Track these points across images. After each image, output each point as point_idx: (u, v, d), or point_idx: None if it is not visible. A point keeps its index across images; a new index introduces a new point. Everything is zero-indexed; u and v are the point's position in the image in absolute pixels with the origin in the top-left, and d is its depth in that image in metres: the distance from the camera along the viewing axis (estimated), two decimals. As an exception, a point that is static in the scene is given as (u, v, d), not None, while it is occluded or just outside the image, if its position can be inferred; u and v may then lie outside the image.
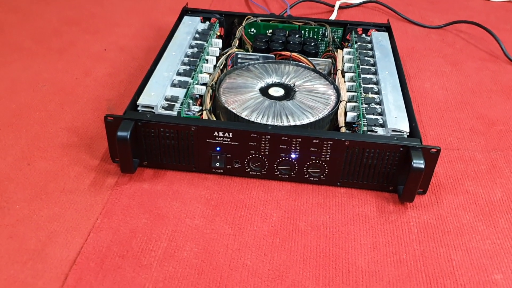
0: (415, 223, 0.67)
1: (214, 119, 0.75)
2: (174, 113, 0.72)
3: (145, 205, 0.67)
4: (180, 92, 0.75)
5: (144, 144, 0.70)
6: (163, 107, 0.72)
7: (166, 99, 0.74)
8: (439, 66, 1.04)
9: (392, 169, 0.69)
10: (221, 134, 0.68)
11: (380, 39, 0.92)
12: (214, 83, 0.80)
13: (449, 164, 0.77)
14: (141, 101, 0.72)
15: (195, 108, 0.76)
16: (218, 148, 0.69)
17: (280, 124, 0.71)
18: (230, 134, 0.68)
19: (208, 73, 0.83)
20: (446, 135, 0.84)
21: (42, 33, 1.10)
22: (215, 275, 0.59)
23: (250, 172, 0.72)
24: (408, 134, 0.70)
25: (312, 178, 0.71)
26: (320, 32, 0.97)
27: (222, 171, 0.72)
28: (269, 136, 0.67)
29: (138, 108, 0.72)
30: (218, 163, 0.70)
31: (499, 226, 0.67)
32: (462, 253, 0.63)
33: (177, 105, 0.73)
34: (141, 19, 1.18)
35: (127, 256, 0.60)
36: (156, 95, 0.73)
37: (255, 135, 0.67)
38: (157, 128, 0.68)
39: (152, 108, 0.71)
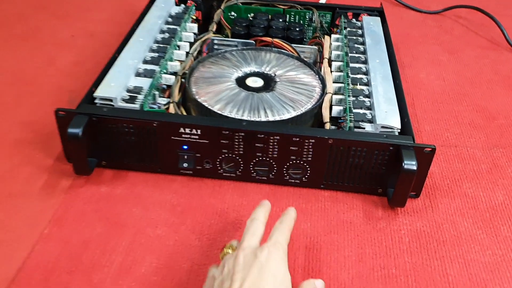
0: (406, 231, 0.59)
1: (184, 113, 0.67)
2: (136, 106, 0.63)
3: (101, 211, 0.59)
4: (145, 83, 0.67)
5: (101, 142, 0.62)
6: (123, 100, 0.64)
7: (128, 91, 0.65)
8: (435, 54, 0.96)
9: (381, 170, 0.61)
10: (188, 130, 0.60)
11: (371, 24, 0.84)
12: (185, 72, 0.71)
13: (445, 163, 0.70)
14: (99, 92, 0.63)
15: (162, 101, 0.67)
16: (185, 147, 0.61)
17: (257, 119, 0.63)
18: (199, 131, 0.60)
19: (180, 61, 0.74)
20: (442, 130, 0.76)
21: (5, 16, 1.01)
22: (176, 295, 0.51)
23: (223, 174, 0.64)
24: (399, 130, 0.62)
25: (292, 180, 0.64)
26: (307, 17, 0.89)
27: (191, 172, 0.64)
28: (243, 134, 0.59)
29: (96, 101, 0.64)
30: (186, 164, 0.62)
31: (501, 235, 0.59)
32: (460, 266, 0.55)
33: (140, 97, 0.65)
34: (115, 3, 1.09)
35: (76, 272, 0.53)
36: (117, 86, 0.65)
37: (227, 132, 0.59)
38: (115, 124, 0.60)
39: (111, 100, 0.63)
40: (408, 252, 0.57)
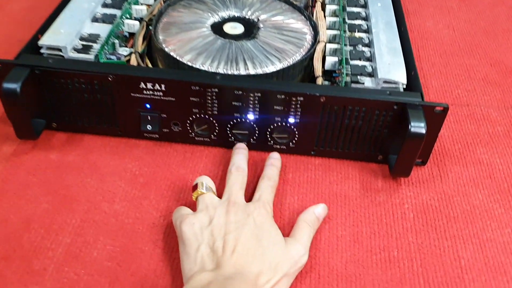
0: (410, 206, 0.50)
1: (149, 65, 0.56)
2: (90, 57, 0.53)
3: (48, 183, 0.50)
4: (103, 30, 0.56)
5: (49, 100, 0.52)
6: (75, 49, 0.53)
7: (82, 38, 0.55)
8: (444, 0, 0.85)
9: (383, 133, 0.51)
10: (150, 86, 0.49)
11: (372, -37, 0.72)
12: (152, 17, 0.60)
13: (456, 125, 0.60)
14: (45, 40, 0.53)
15: (123, 51, 0.57)
16: (147, 105, 0.51)
17: (235, 72, 0.53)
18: (163, 86, 0.49)
19: (147, 5, 0.63)
20: (452, 87, 0.66)
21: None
22: (133, 286, 0.42)
23: (196, 138, 0.54)
24: (404, 86, 0.52)
25: (278, 146, 0.54)
26: (298, -44, 0.77)
27: (156, 136, 0.54)
28: (216, 90, 0.49)
29: (42, 51, 0.53)
30: (150, 126, 0.52)
31: (522, 209, 0.50)
32: (473, 248, 0.47)
33: (96, 46, 0.54)
34: None
35: (14, 258, 0.44)
36: (68, 33, 0.54)
37: (197, 88, 0.49)
38: (63, 78, 0.50)
39: (60, 50, 0.53)
40: (413, 231, 0.48)
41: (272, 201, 0.47)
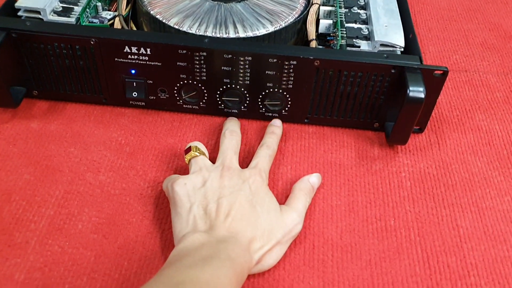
0: (408, 174, 0.48)
1: (134, 29, 0.53)
2: (71, 20, 0.50)
3: (30, 153, 0.48)
4: (84, -9, 0.53)
5: (29, 66, 0.49)
6: (55, 12, 0.50)
7: (62, 1, 0.52)
8: (441, -37, 0.82)
9: (379, 100, 0.49)
10: (135, 50, 0.47)
11: None
12: (137, -21, 0.57)
13: (454, 91, 0.58)
14: (23, 2, 0.50)
15: (106, 15, 0.54)
16: (133, 71, 0.49)
17: (225, 36, 0.50)
18: (148, 50, 0.47)
19: (132, -33, 0.60)
20: (450, 52, 0.64)
21: None
22: (120, 259, 0.40)
23: (184, 105, 0.52)
24: (402, 50, 0.50)
25: (269, 114, 0.52)
26: None
27: (143, 103, 0.52)
28: (205, 53, 0.47)
29: (19, 13, 0.50)
30: (136, 93, 0.50)
31: (522, 177, 0.49)
32: (472, 216, 0.45)
33: (77, 9, 0.51)
34: None
35: (-6, 230, 0.42)
36: (47, -5, 0.51)
37: (184, 52, 0.47)
38: (42, 42, 0.47)
39: (39, 12, 0.50)
40: (410, 199, 0.46)
41: (268, 170, 0.45)
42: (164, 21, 0.51)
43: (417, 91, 0.45)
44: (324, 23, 0.54)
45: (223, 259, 0.36)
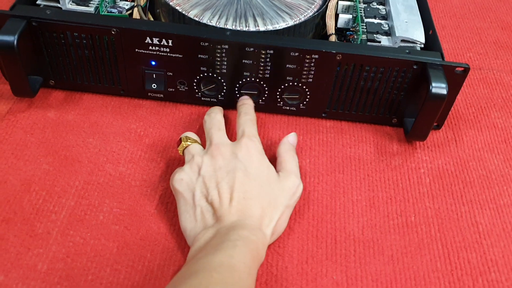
0: (426, 170, 0.49)
1: (151, 19, 0.53)
2: (90, 9, 0.50)
3: (48, 143, 0.47)
4: (102, -19, 0.52)
5: (47, 55, 0.49)
6: (74, 1, 0.50)
7: (80, -10, 0.51)
8: (452, -39, 0.82)
9: (399, 95, 0.49)
10: (156, 41, 0.46)
11: None
12: (154, -30, 0.57)
13: (469, 89, 0.58)
14: (42, -10, 0.49)
15: (124, 5, 0.53)
16: (153, 63, 0.48)
17: (245, 29, 0.50)
18: (170, 41, 0.46)
19: (148, -43, 0.59)
20: (464, 50, 0.64)
21: None
22: (143, 250, 0.40)
23: (202, 98, 0.51)
24: (422, 46, 0.50)
25: (288, 108, 0.52)
26: None
27: (162, 95, 0.51)
28: (227, 46, 0.46)
29: (38, 2, 0.50)
30: (155, 85, 0.50)
31: (538, 175, 0.49)
32: (491, 213, 0.46)
33: (96, -2, 0.51)
34: None
35: (14, 220, 0.41)
36: (65, -16, 0.50)
37: (206, 44, 0.46)
38: (62, 31, 0.47)
39: (58, 1, 0.49)
40: (430, 196, 0.46)
41: (257, 133, 0.45)
42: (184, 12, 0.50)
43: (439, 87, 0.45)
44: (344, 17, 0.54)
45: (233, 239, 0.36)
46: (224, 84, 0.50)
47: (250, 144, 0.42)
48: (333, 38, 0.52)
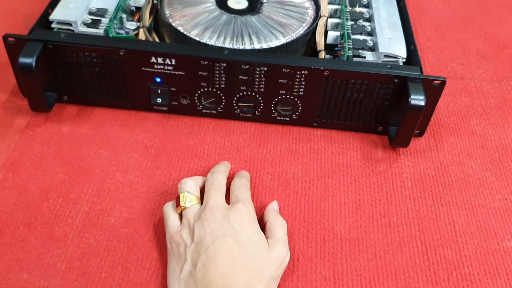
0: (409, 175, 0.53)
1: (156, 40, 0.58)
2: (99, 31, 0.54)
3: (63, 154, 0.52)
4: (110, 4, 0.57)
5: (61, 73, 0.53)
6: (85, 24, 0.55)
7: (91, 13, 0.56)
8: (439, -26, 0.86)
9: (383, 106, 0.54)
10: (160, 60, 0.51)
11: None
12: (157, -8, 0.61)
13: (451, 97, 0.63)
14: (56, 15, 0.54)
15: (131, 26, 0.58)
16: (158, 79, 0.53)
17: (241, 47, 0.55)
18: (173, 60, 0.51)
19: (151, -20, 0.64)
20: (447, 60, 0.68)
21: None
22: (150, 250, 0.45)
23: (203, 110, 0.56)
24: (404, 60, 0.54)
25: (281, 118, 0.56)
26: None
27: (166, 108, 0.56)
28: (225, 64, 0.51)
29: (52, 25, 0.54)
30: (160, 99, 0.54)
31: (512, 177, 0.54)
32: (467, 213, 0.50)
33: (105, 20, 0.55)
34: None
35: (35, 224, 0.46)
36: (77, 8, 0.55)
37: (206, 63, 0.51)
38: (75, 52, 0.51)
39: (71, 25, 0.54)
40: (411, 198, 0.51)
41: (250, 198, 0.45)
42: (185, 33, 0.55)
43: (418, 99, 0.49)
44: (332, 34, 0.58)
45: None
46: (223, 97, 0.54)
47: (243, 210, 0.43)
48: (322, 54, 0.56)
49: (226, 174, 0.48)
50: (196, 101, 0.55)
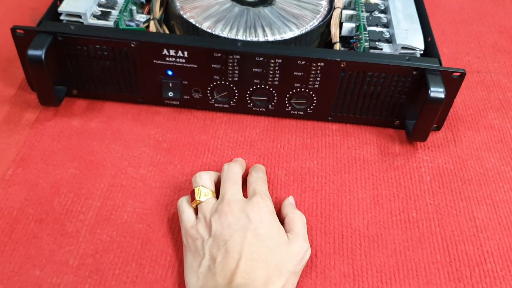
0: (427, 169, 0.52)
1: (166, 32, 0.56)
2: (109, 23, 0.53)
3: (74, 149, 0.51)
4: (120, -4, 0.56)
5: (70, 66, 0.52)
6: (94, 16, 0.54)
7: (100, 5, 0.55)
8: (452, -33, 0.85)
9: (400, 99, 0.52)
10: (172, 52, 0.50)
11: None
12: (167, -16, 0.60)
13: (467, 91, 0.61)
14: (65, 7, 0.53)
15: (141, 18, 0.57)
16: (170, 72, 0.52)
17: (254, 39, 0.53)
18: (185, 52, 0.50)
19: (161, -28, 0.63)
20: (463, 54, 0.67)
21: None
22: (164, 246, 0.44)
23: (215, 104, 0.55)
24: (421, 52, 0.53)
25: (296, 112, 0.55)
26: None
27: (178, 102, 0.55)
28: (238, 56, 0.50)
29: (61, 17, 0.53)
30: (172, 93, 0.53)
31: (533, 172, 0.52)
32: (487, 208, 0.49)
33: (115, 12, 0.54)
34: None
35: (47, 220, 0.45)
36: (86, 0, 0.54)
37: (219, 55, 0.50)
38: (85, 45, 0.50)
39: (80, 16, 0.53)
40: (430, 193, 0.50)
41: (268, 192, 0.45)
42: (197, 24, 0.54)
43: (437, 92, 0.48)
44: (347, 26, 0.57)
45: None
46: (236, 91, 0.53)
47: (261, 203, 0.42)
48: (337, 46, 0.55)
49: (242, 168, 0.47)
50: (209, 95, 0.54)
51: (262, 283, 0.37)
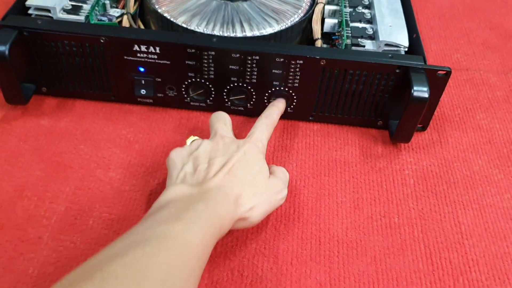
0: (411, 172, 0.49)
1: (141, 27, 0.54)
2: (80, 18, 0.51)
3: (41, 150, 0.48)
4: (92, -11, 0.54)
5: (39, 63, 0.50)
6: (64, 10, 0.51)
7: (71, -1, 0.52)
8: (443, -38, 0.82)
9: (384, 98, 0.50)
10: (144, 48, 0.48)
11: None
12: (143, -23, 0.58)
13: (455, 90, 0.59)
14: (33, 1, 0.51)
15: (114, 12, 0.54)
16: (141, 69, 0.49)
17: (232, 35, 0.51)
18: (157, 48, 0.47)
19: (138, -36, 0.60)
20: (451, 51, 0.65)
21: None
22: (131, 253, 0.41)
23: (191, 103, 0.52)
24: (406, 49, 0.51)
25: (275, 110, 0.53)
26: None
27: (151, 101, 0.53)
28: (213, 53, 0.48)
29: (30, 11, 0.51)
30: (144, 90, 0.51)
31: (522, 175, 0.50)
32: (473, 213, 0.47)
33: (86, 7, 0.52)
34: None
35: (7, 226, 0.42)
36: (56, -7, 0.51)
37: (193, 51, 0.47)
38: (53, 40, 0.48)
39: (49, 11, 0.50)
40: (413, 197, 0.47)
41: (266, 140, 0.45)
42: (172, 19, 0.51)
43: (421, 91, 0.46)
44: (329, 22, 0.54)
45: (199, 210, 0.35)
46: (212, 89, 0.51)
47: (253, 146, 0.43)
48: (319, 43, 0.53)
49: (229, 118, 0.47)
50: (184, 93, 0.51)
51: (234, 196, 0.38)
